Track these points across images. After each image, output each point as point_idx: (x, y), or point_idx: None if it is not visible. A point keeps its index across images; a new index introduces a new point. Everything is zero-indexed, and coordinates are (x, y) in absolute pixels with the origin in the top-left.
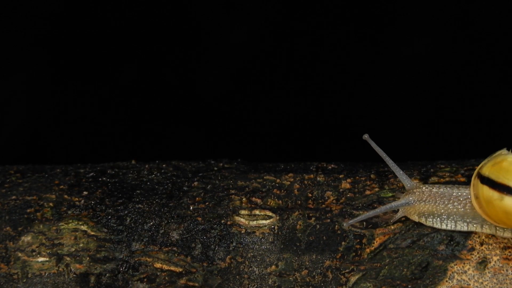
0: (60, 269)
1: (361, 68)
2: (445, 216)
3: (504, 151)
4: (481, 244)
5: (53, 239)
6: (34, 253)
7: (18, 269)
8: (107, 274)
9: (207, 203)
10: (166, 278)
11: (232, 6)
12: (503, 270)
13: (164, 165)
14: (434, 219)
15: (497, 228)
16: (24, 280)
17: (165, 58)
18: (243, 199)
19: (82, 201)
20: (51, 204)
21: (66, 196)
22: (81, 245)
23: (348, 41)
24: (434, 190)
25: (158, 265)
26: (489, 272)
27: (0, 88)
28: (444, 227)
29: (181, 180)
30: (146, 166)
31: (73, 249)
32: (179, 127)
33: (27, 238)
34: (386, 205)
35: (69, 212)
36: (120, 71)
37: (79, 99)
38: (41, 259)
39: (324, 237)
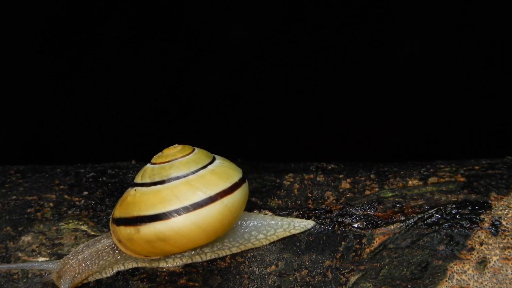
0: None
1: (362, 68)
2: (102, 270)
3: (129, 188)
4: (481, 244)
5: (53, 239)
6: (34, 253)
7: (18, 269)
8: None
9: None
10: (166, 278)
11: (232, 5)
12: (502, 270)
13: None
14: (95, 275)
15: (159, 260)
16: (24, 280)
17: (165, 57)
18: None
19: (82, 201)
20: (51, 204)
21: (66, 196)
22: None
23: (348, 41)
24: (80, 256)
25: None
26: (488, 272)
27: (0, 88)
28: (105, 275)
29: None
30: None
31: (73, 249)
32: (179, 127)
33: (27, 238)
34: None
35: (69, 212)
36: (120, 71)
37: (79, 99)
38: (41, 259)
39: (324, 237)
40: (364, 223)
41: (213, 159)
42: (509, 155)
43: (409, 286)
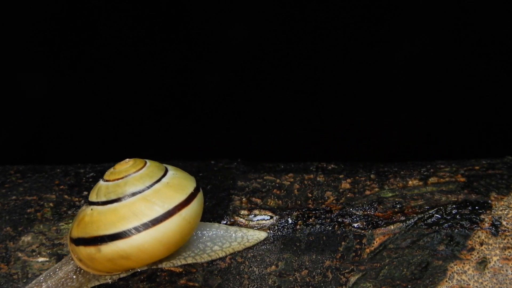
0: None
1: (362, 68)
2: None
3: (84, 207)
4: (481, 244)
5: (53, 239)
6: (34, 253)
7: (18, 269)
8: None
9: (207, 203)
10: (166, 278)
11: (232, 5)
12: (503, 270)
13: None
14: None
15: (114, 275)
16: (24, 280)
17: (165, 57)
18: (243, 199)
19: (82, 201)
20: (51, 204)
21: (66, 196)
22: None
23: (348, 41)
24: (44, 286)
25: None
26: (489, 272)
27: (0, 88)
28: None
29: None
30: None
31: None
32: (179, 127)
33: (27, 238)
34: None
35: (69, 212)
36: (120, 71)
37: (79, 99)
38: (41, 259)
39: (324, 237)
40: (364, 223)
41: (166, 171)
42: (509, 155)
43: (409, 286)
